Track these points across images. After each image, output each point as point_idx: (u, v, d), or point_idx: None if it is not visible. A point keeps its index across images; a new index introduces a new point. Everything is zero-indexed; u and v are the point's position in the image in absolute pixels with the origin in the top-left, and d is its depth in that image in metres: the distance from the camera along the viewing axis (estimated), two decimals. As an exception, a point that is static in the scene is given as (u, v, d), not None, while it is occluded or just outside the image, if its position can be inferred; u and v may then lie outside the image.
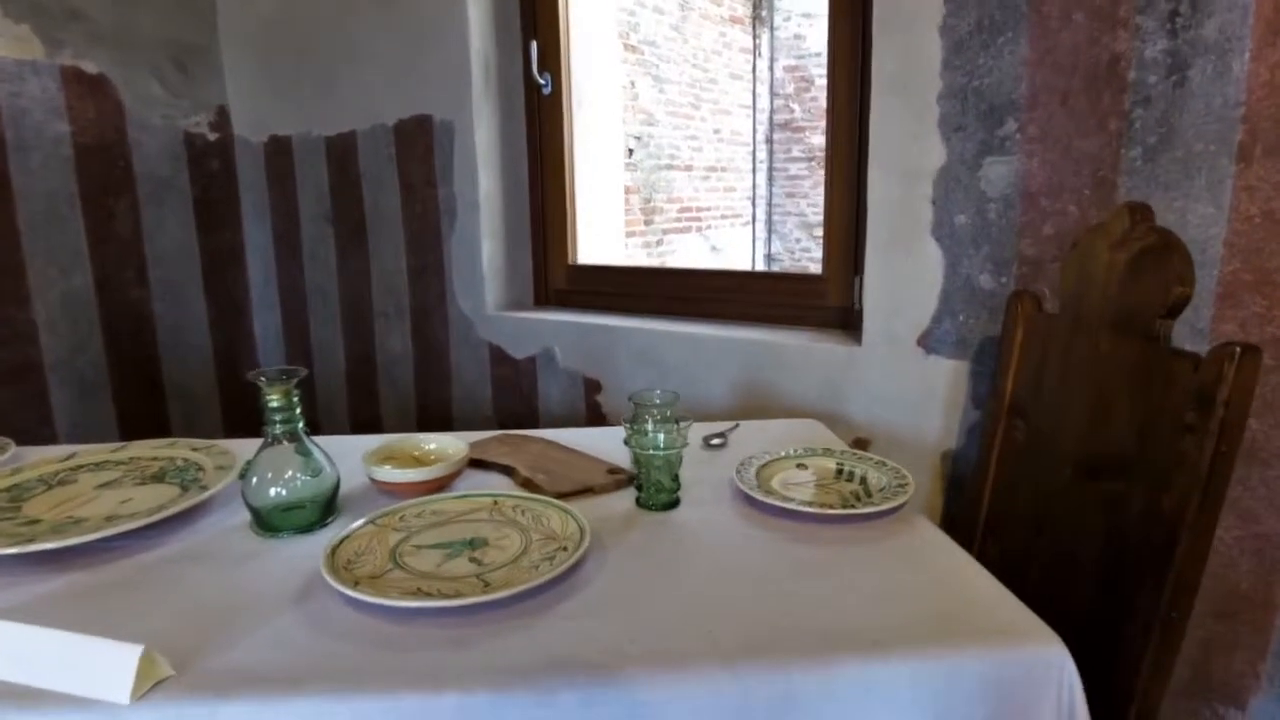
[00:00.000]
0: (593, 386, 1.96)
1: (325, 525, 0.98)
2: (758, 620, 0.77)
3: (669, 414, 1.12)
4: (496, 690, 0.66)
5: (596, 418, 1.96)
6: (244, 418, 2.74)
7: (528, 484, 1.12)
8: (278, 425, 0.95)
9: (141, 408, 2.49)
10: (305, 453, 0.97)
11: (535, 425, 2.08)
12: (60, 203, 2.23)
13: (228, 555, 0.91)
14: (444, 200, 2.13)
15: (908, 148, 1.40)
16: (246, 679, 0.66)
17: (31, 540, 0.88)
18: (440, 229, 2.16)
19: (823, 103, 7.66)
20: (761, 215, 7.50)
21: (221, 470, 1.09)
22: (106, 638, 0.65)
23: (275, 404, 0.94)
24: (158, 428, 2.53)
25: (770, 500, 1.00)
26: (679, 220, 6.10)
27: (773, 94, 7.24)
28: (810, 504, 1.00)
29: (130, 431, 2.41)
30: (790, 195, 7.50)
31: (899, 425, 1.52)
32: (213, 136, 2.57)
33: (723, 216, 6.87)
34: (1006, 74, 1.28)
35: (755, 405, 1.69)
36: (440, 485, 1.09)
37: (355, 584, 0.78)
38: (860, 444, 1.53)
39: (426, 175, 2.15)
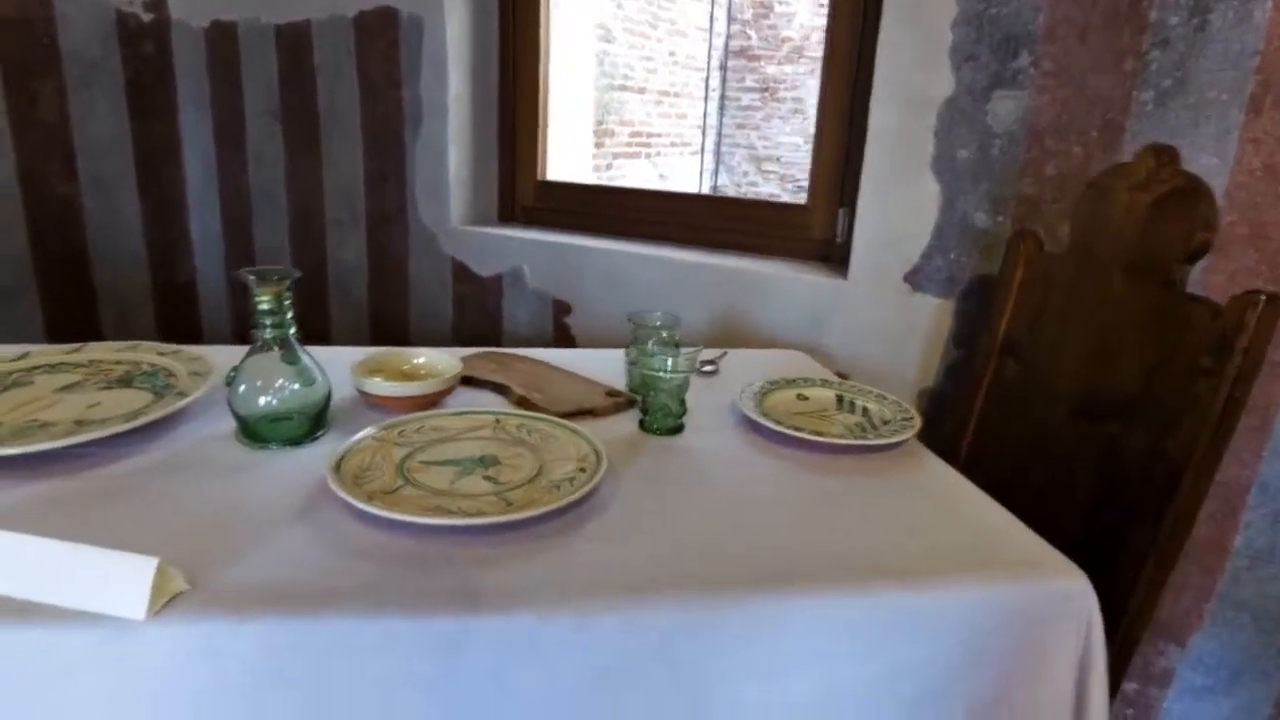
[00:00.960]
0: (562, 308, 1.90)
1: (315, 439, 0.93)
2: (784, 548, 0.76)
3: (674, 336, 1.09)
4: (538, 613, 0.63)
5: (565, 340, 1.92)
6: (179, 323, 2.59)
7: (523, 403, 1.07)
8: (268, 329, 0.88)
9: (71, 311, 2.33)
10: (295, 360, 0.91)
11: (499, 345, 2.02)
12: (-25, 79, 2.02)
13: (215, 466, 0.85)
14: (409, 103, 2.00)
15: (914, 75, 1.36)
16: (264, 596, 0.62)
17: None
18: (403, 134, 2.04)
19: (781, 32, 7.47)
20: (710, 145, 7.40)
21: (196, 376, 1.01)
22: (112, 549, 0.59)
23: (266, 306, 0.87)
24: (89, 332, 2.36)
25: (782, 429, 0.98)
26: (629, 145, 5.96)
27: (730, 18, 7.06)
28: (821, 434, 0.99)
29: (58, 336, 2.25)
30: (740, 126, 7.40)
31: (878, 361, 1.52)
32: (147, 18, 2.34)
33: (672, 144, 6.75)
34: (1025, 3, 1.25)
35: (731, 334, 1.68)
36: (431, 402, 1.04)
37: (369, 499, 0.74)
38: (840, 378, 1.53)
39: (390, 74, 2.01)
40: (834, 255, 1.67)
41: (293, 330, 0.90)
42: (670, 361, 0.99)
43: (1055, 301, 1.15)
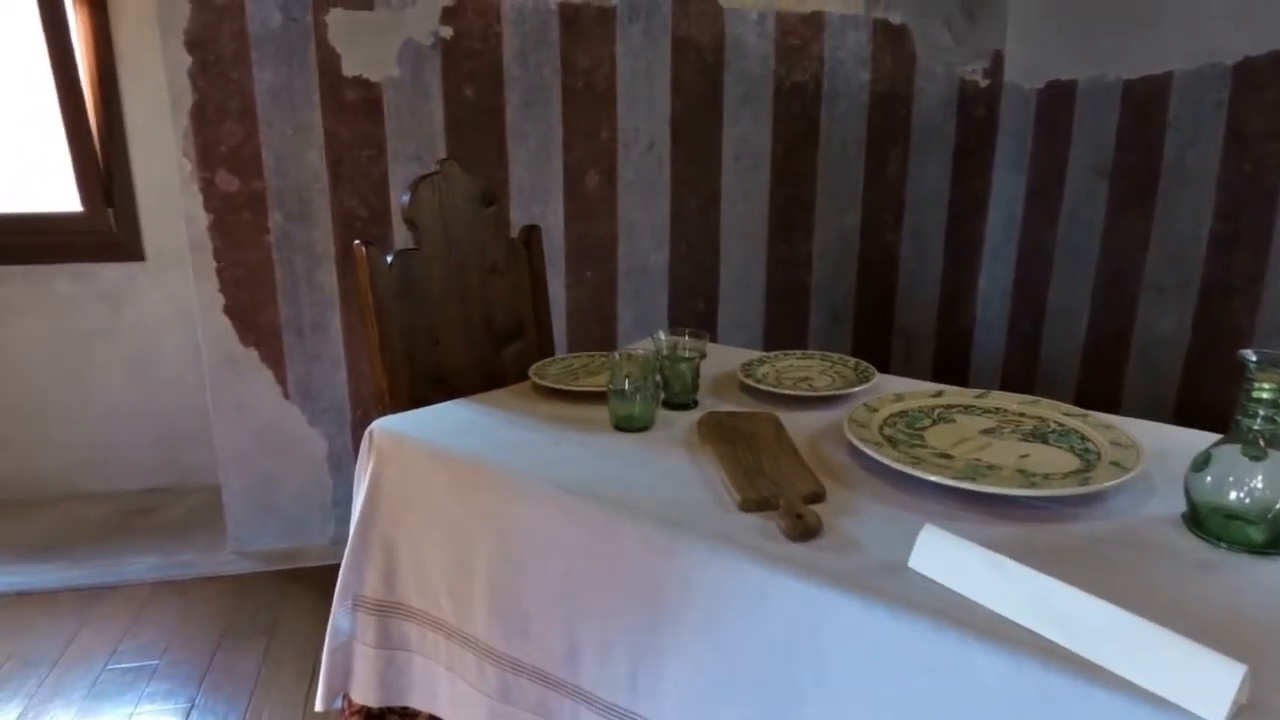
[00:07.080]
0: None
1: (1274, 553, 0.80)
2: None
3: None
4: None
5: None
6: (951, 367, 2.74)
7: None
8: (1258, 420, 0.79)
9: (871, 341, 2.66)
10: (1273, 459, 0.80)
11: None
12: (849, 147, 2.44)
13: (1172, 554, 0.80)
14: (1297, 157, 1.71)
15: None
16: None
17: (971, 478, 0.89)
18: (1276, 191, 1.75)
19: None
20: None
21: (1118, 448, 0.98)
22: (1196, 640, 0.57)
23: (1265, 395, 0.79)
24: (880, 362, 2.67)
25: None
26: None
27: None
28: None
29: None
30: None
31: None
32: (984, 83, 2.53)
33: None
34: None
35: None
36: None
37: None
38: None
39: (1274, 124, 1.75)
40: None
41: (1287, 426, 0.79)
42: None
43: None
